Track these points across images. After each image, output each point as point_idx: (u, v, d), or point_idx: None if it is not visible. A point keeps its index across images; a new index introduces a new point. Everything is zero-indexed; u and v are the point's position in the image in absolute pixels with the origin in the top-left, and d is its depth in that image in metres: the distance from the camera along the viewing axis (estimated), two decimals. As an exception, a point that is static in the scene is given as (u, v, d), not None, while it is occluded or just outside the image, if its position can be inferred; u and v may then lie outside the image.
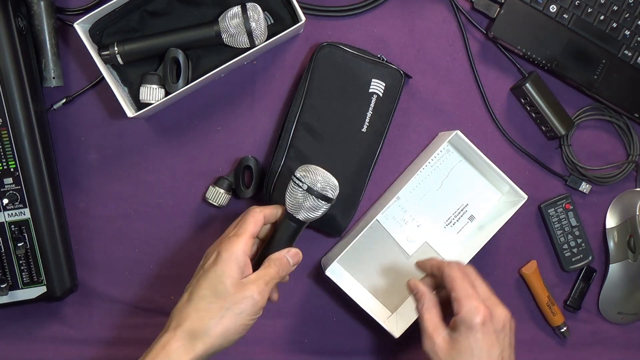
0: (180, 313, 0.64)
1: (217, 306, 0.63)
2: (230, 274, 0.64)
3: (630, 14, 0.86)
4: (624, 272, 0.91)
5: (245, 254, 0.65)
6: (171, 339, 0.63)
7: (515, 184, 0.82)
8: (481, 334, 0.63)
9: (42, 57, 0.80)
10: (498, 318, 0.64)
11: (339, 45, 0.82)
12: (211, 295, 0.63)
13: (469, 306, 0.64)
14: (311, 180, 0.67)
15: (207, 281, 0.64)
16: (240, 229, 0.66)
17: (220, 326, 0.63)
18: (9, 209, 0.77)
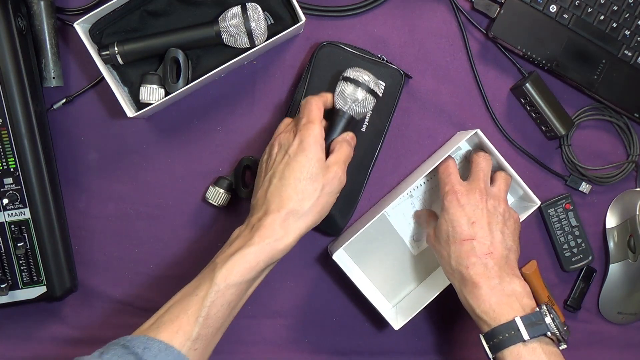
0: (278, 196, 0.68)
1: (313, 187, 0.68)
2: (319, 156, 0.69)
3: (630, 14, 0.86)
4: (624, 272, 0.91)
5: (323, 137, 0.71)
6: (277, 219, 0.67)
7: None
8: (452, 208, 0.74)
9: (42, 57, 0.80)
10: (470, 197, 0.74)
11: (339, 45, 0.82)
12: (306, 177, 0.68)
13: (443, 191, 0.76)
14: (363, 80, 0.75)
15: (299, 165, 0.68)
16: (311, 116, 0.71)
17: (317, 205, 0.69)
18: (9, 209, 0.77)
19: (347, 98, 0.75)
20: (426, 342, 0.91)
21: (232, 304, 0.66)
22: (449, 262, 0.73)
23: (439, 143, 0.88)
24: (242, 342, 0.88)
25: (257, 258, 0.66)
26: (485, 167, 0.78)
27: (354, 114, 0.76)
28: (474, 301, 0.70)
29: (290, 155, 0.70)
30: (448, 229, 0.73)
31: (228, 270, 0.65)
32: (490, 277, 0.70)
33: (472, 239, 0.72)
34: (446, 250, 0.73)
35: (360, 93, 0.75)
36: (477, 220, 0.73)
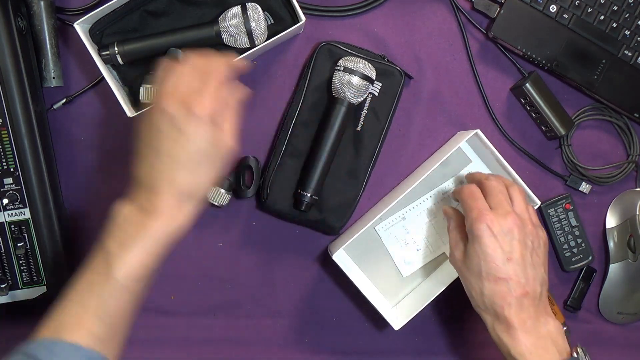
0: (169, 176, 0.61)
1: (210, 168, 0.63)
2: (215, 136, 0.61)
3: (630, 14, 0.86)
4: (624, 272, 0.91)
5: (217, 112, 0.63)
6: (171, 201, 0.61)
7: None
8: (485, 239, 0.69)
9: (42, 57, 0.80)
10: (502, 224, 0.70)
11: (339, 45, 0.82)
12: (203, 159, 0.62)
13: (471, 218, 0.71)
14: (355, 66, 0.78)
15: (195, 146, 0.60)
16: (213, 86, 0.61)
17: (210, 182, 0.64)
18: (9, 209, 0.77)
19: (344, 86, 0.78)
20: (426, 342, 0.90)
21: (137, 294, 0.61)
22: (481, 298, 0.70)
23: (439, 143, 0.88)
24: (242, 342, 0.88)
25: (156, 245, 0.60)
26: (501, 186, 0.74)
27: (352, 101, 0.79)
28: (509, 341, 0.68)
29: (182, 133, 0.60)
30: (480, 263, 0.69)
31: (128, 264, 0.59)
32: (526, 319, 0.68)
33: (508, 278, 0.68)
34: (478, 285, 0.70)
35: (355, 80, 0.77)
36: (513, 256, 0.69)
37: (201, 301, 0.87)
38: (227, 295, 0.87)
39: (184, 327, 0.87)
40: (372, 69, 0.79)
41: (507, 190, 0.74)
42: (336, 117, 0.79)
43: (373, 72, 0.79)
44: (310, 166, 0.80)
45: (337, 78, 0.78)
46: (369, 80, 0.79)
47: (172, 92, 0.61)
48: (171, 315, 0.87)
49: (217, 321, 0.87)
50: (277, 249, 0.87)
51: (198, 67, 0.62)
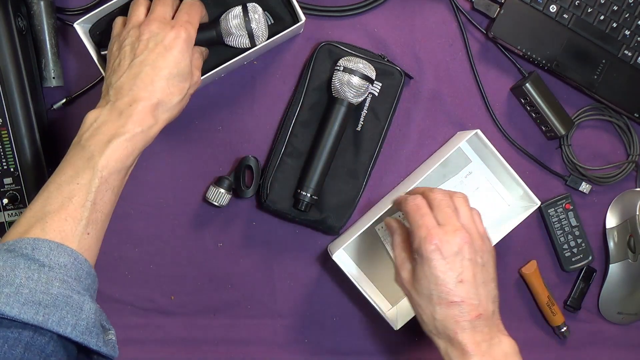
0: (150, 84, 0.66)
1: (182, 85, 0.68)
2: (191, 58, 0.69)
3: (630, 14, 0.86)
4: (624, 272, 0.91)
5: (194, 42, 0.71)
6: (148, 107, 0.65)
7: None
8: (435, 261, 0.65)
9: (42, 57, 0.80)
10: (452, 243, 0.65)
11: (339, 45, 0.82)
12: (179, 74, 0.68)
13: (419, 237, 0.66)
14: (355, 66, 0.78)
15: (174, 59, 0.67)
16: (194, 18, 0.71)
17: (181, 103, 0.69)
18: (9, 209, 0.77)
19: (343, 86, 0.78)
20: (426, 342, 0.90)
21: (116, 190, 0.64)
22: (432, 322, 0.66)
23: (439, 143, 0.88)
24: (242, 342, 0.88)
25: (133, 145, 0.64)
26: (445, 200, 0.69)
27: (352, 101, 0.79)
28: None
29: (166, 47, 0.67)
30: (430, 287, 0.65)
31: (108, 158, 0.62)
32: (480, 342, 0.65)
33: (461, 301, 0.65)
34: (429, 309, 0.66)
35: (355, 80, 0.77)
36: (464, 277, 0.65)
37: (201, 301, 0.87)
38: (227, 295, 0.87)
39: (184, 327, 0.87)
40: (372, 69, 0.79)
41: (452, 201, 0.70)
42: (336, 117, 0.79)
43: (373, 72, 0.79)
44: (310, 166, 0.80)
45: (337, 78, 0.79)
46: (369, 80, 0.79)
47: (154, 17, 0.69)
48: (171, 315, 0.87)
49: (217, 321, 0.87)
50: (277, 249, 0.87)
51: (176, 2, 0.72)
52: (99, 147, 0.62)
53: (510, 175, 0.83)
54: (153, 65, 0.66)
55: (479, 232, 0.69)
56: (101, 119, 0.64)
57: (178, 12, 0.71)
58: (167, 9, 0.70)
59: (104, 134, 0.63)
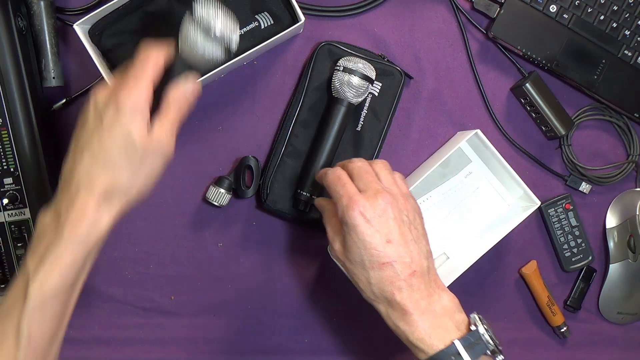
0: (88, 173, 0.57)
1: (130, 164, 0.58)
2: (138, 130, 0.57)
3: (630, 14, 0.86)
4: (624, 272, 0.91)
5: (148, 104, 0.58)
6: (89, 202, 0.56)
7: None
8: (360, 227, 0.63)
9: (42, 57, 0.80)
10: (374, 206, 0.64)
11: (339, 45, 0.82)
12: (121, 154, 0.57)
13: (342, 206, 0.65)
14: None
15: (113, 140, 0.57)
16: (139, 76, 0.58)
17: (137, 180, 0.59)
18: (9, 209, 0.77)
19: (343, 86, 0.78)
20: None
21: (57, 314, 0.58)
22: (369, 288, 0.65)
23: (439, 143, 0.88)
24: (241, 342, 0.88)
25: (72, 255, 0.56)
26: (363, 166, 0.68)
27: (352, 101, 0.79)
28: (407, 328, 0.63)
29: (104, 126, 0.57)
30: (361, 253, 0.64)
31: (42, 282, 0.55)
32: (419, 300, 0.64)
33: (392, 261, 0.63)
34: (364, 276, 0.65)
35: (355, 80, 0.77)
36: (391, 236, 0.64)
37: (201, 301, 0.87)
38: (227, 295, 0.87)
39: (184, 327, 0.87)
40: (372, 69, 0.79)
41: (372, 168, 0.68)
42: (336, 117, 0.79)
43: (373, 72, 0.79)
44: (310, 166, 0.81)
45: (337, 78, 0.78)
46: (369, 80, 0.79)
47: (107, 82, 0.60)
48: (171, 315, 0.87)
49: (217, 321, 0.87)
50: (277, 249, 0.87)
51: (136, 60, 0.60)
52: (34, 265, 0.56)
53: (510, 175, 0.83)
54: (91, 150, 0.57)
55: (401, 192, 0.67)
56: (44, 223, 0.58)
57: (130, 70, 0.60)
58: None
59: (42, 246, 0.56)
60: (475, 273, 0.86)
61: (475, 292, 0.90)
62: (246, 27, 0.80)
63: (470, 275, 0.83)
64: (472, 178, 0.88)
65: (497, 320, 0.91)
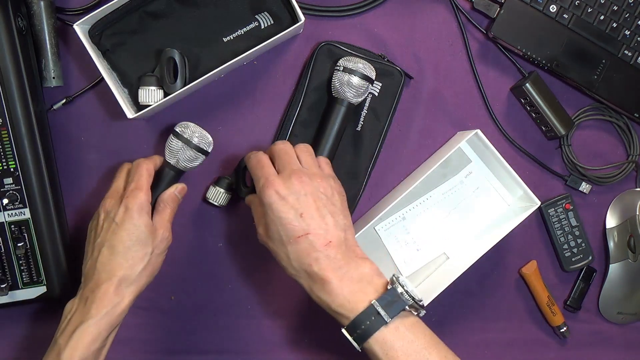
0: (108, 265, 0.69)
1: (142, 253, 0.71)
2: (145, 222, 0.71)
3: (630, 14, 0.86)
4: (624, 272, 0.91)
5: (149, 203, 0.72)
6: (110, 288, 0.69)
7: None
8: (275, 204, 0.68)
9: (42, 57, 0.80)
10: (288, 184, 0.68)
11: (339, 45, 0.82)
12: (135, 244, 0.70)
13: (258, 188, 0.70)
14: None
15: (126, 232, 0.70)
16: (139, 182, 0.72)
17: (147, 269, 0.71)
18: (9, 209, 0.77)
19: (343, 86, 0.77)
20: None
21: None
22: (290, 264, 0.68)
23: (439, 143, 0.88)
24: (242, 342, 0.88)
25: (98, 329, 0.67)
26: (284, 148, 0.72)
27: (352, 101, 0.78)
28: (327, 297, 0.66)
29: (117, 224, 0.70)
30: (278, 229, 0.68)
31: (72, 349, 0.66)
32: (336, 268, 0.66)
33: (306, 233, 0.67)
34: (283, 252, 0.68)
35: (355, 80, 0.77)
36: (305, 210, 0.67)
37: (201, 301, 0.87)
38: (227, 295, 0.87)
39: (184, 327, 0.87)
40: (372, 69, 0.79)
41: (294, 150, 0.73)
42: (336, 117, 0.79)
43: (373, 72, 0.79)
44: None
45: (337, 78, 0.78)
46: (369, 80, 0.79)
47: (109, 194, 0.73)
48: (171, 315, 0.87)
49: (217, 321, 0.87)
50: (277, 249, 0.87)
51: (130, 169, 0.75)
52: (65, 340, 0.67)
53: (510, 175, 0.83)
54: (108, 245, 0.70)
55: (321, 173, 0.71)
56: (72, 310, 0.69)
57: (128, 181, 0.73)
58: (121, 182, 0.74)
59: (72, 325, 0.68)
60: (475, 273, 0.86)
61: (475, 292, 0.90)
62: (246, 27, 0.80)
63: (470, 275, 0.83)
64: (472, 178, 0.88)
65: (497, 320, 0.91)
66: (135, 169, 0.74)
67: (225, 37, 0.80)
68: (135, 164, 0.74)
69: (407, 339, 0.64)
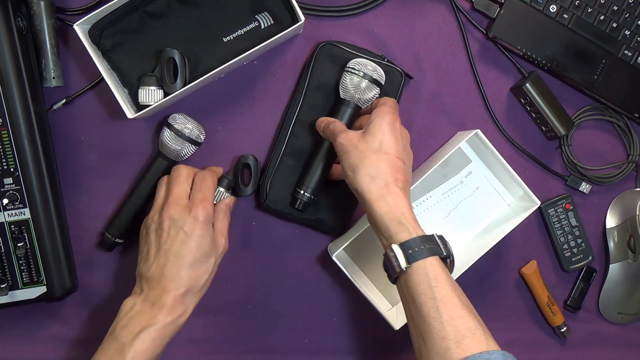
0: (177, 274, 0.72)
1: (208, 264, 0.74)
2: (211, 234, 0.75)
3: (630, 14, 0.86)
4: (624, 272, 0.91)
5: (212, 214, 0.76)
6: (178, 297, 0.72)
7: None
8: (390, 126, 0.71)
9: (42, 57, 0.80)
10: (397, 122, 0.73)
11: (339, 45, 0.82)
12: (202, 256, 0.73)
13: (385, 109, 0.73)
14: (365, 69, 0.78)
15: (195, 244, 0.73)
16: (207, 193, 0.76)
17: (210, 279, 0.75)
18: (9, 209, 0.77)
19: (351, 88, 0.77)
20: (426, 342, 0.90)
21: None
22: (375, 165, 0.69)
23: (439, 143, 0.88)
24: (242, 342, 0.88)
25: (163, 335, 0.70)
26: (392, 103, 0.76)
27: (359, 104, 0.78)
28: (398, 208, 0.67)
29: (187, 234, 0.72)
30: (383, 139, 0.70)
31: (137, 349, 0.68)
32: (407, 197, 0.69)
33: (402, 160, 0.71)
34: (376, 155, 0.70)
35: (363, 83, 0.77)
36: (406, 147, 0.73)
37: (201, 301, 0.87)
38: (227, 295, 0.87)
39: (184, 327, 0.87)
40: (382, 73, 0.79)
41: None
42: (342, 118, 0.78)
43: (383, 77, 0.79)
44: (309, 165, 0.80)
45: (350, 81, 0.78)
46: (379, 86, 0.79)
47: (172, 200, 0.74)
48: (171, 315, 0.87)
49: (217, 321, 0.87)
50: (277, 249, 0.87)
51: (191, 177, 0.77)
52: (130, 338, 0.69)
53: (510, 175, 0.83)
54: (177, 254, 0.72)
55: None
56: (135, 309, 0.71)
57: (192, 190, 0.76)
58: (182, 189, 0.76)
59: (136, 325, 0.70)
60: (475, 273, 0.86)
61: (475, 292, 0.90)
62: (246, 27, 0.80)
63: (470, 275, 0.83)
64: (472, 178, 0.88)
65: (497, 320, 0.91)
66: (203, 180, 0.76)
67: (225, 37, 0.80)
68: (202, 175, 0.77)
69: (448, 275, 0.65)
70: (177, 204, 0.74)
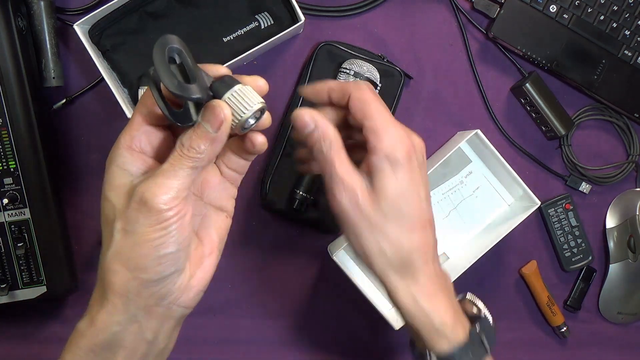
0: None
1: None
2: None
3: (630, 14, 0.86)
4: (624, 272, 0.91)
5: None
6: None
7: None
8: (408, 172, 0.48)
9: (42, 57, 0.80)
10: (419, 148, 0.50)
11: (338, 45, 0.82)
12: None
13: (393, 137, 0.47)
14: (360, 69, 0.77)
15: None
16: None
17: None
18: (9, 209, 0.77)
19: None
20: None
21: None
22: (397, 246, 0.49)
23: (439, 143, 0.88)
24: (242, 342, 0.88)
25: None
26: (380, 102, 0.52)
27: None
28: (435, 312, 0.51)
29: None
30: (403, 204, 0.48)
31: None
32: (440, 279, 0.52)
33: (429, 219, 0.50)
34: (396, 230, 0.49)
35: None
36: (426, 185, 0.50)
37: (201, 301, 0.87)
38: (226, 295, 0.87)
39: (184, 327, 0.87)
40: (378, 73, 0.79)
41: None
42: None
43: (378, 76, 0.79)
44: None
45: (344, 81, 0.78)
46: (375, 85, 0.79)
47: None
48: (171, 315, 0.87)
49: (216, 321, 0.87)
50: (277, 249, 0.87)
51: None
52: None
53: (510, 175, 0.83)
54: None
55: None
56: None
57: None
58: None
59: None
60: (475, 273, 0.86)
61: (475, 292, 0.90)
62: (246, 27, 0.80)
63: (470, 275, 0.83)
64: (472, 178, 0.88)
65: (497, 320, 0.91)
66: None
67: (225, 37, 0.80)
68: None
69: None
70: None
